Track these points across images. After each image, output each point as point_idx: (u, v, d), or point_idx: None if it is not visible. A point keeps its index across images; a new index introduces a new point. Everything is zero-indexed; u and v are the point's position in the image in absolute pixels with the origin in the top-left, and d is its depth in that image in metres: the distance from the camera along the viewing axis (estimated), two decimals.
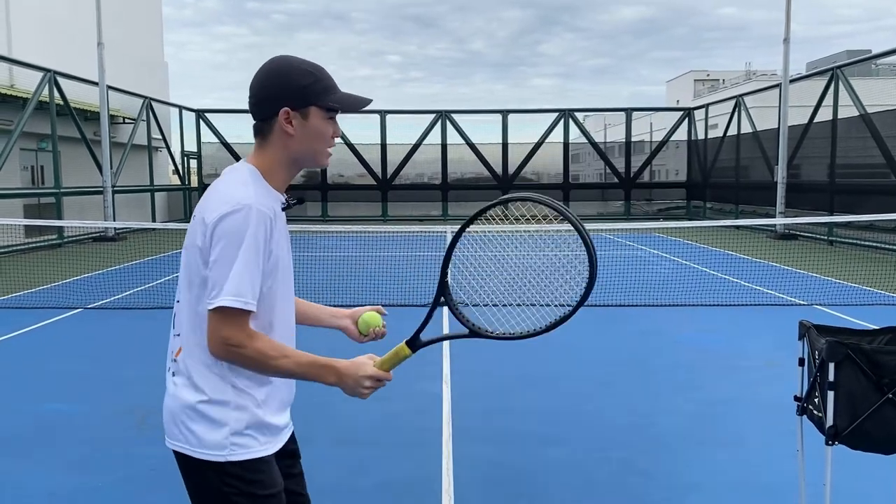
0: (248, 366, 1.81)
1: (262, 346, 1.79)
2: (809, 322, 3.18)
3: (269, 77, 1.86)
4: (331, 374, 1.88)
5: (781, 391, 5.49)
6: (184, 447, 1.85)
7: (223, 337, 1.76)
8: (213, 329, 1.77)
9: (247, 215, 1.74)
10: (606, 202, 28.93)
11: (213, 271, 1.76)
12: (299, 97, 1.84)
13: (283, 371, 1.83)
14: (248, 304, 1.76)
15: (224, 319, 1.76)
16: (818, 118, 18.58)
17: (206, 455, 1.82)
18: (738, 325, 8.17)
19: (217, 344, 1.77)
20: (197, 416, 1.83)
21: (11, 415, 5.20)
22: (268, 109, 1.85)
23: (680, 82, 64.66)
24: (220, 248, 1.75)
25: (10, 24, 18.59)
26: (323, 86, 1.87)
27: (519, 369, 6.36)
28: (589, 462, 4.30)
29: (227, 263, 1.74)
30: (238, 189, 1.80)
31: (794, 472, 3.71)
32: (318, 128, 1.88)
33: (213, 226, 1.76)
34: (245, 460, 1.84)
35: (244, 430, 1.85)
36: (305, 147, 1.89)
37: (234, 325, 1.76)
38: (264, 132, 1.89)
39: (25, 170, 19.01)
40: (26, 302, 9.75)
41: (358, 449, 4.52)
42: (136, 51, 24.94)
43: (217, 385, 1.83)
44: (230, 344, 1.76)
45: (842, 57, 36.35)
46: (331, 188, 28.08)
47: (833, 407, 2.87)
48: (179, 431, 1.85)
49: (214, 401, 1.83)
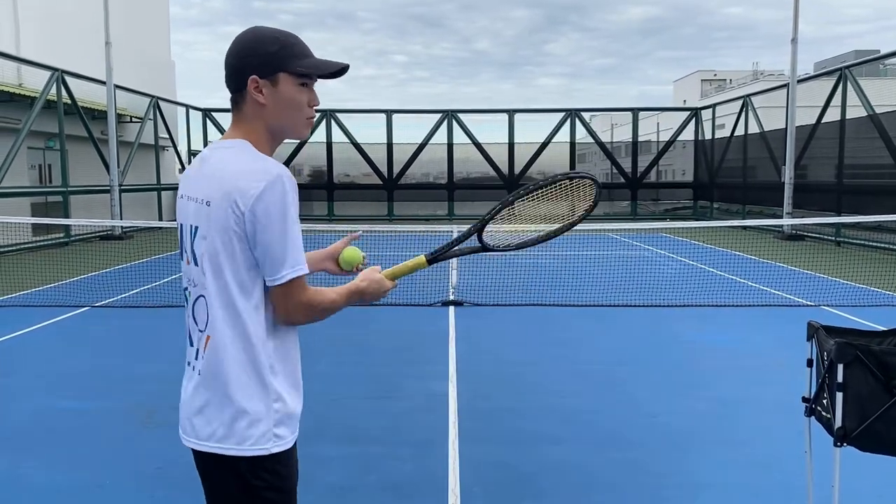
0: (322, 316, 1.89)
1: (326, 294, 1.88)
2: (818, 323, 3.16)
3: (239, 47, 1.83)
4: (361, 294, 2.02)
5: (789, 392, 5.45)
6: (215, 445, 1.81)
7: (303, 303, 1.82)
8: (290, 299, 1.80)
9: (283, 185, 1.74)
10: (613, 202, 28.87)
11: (271, 248, 1.75)
12: (266, 64, 1.80)
13: (340, 307, 1.94)
14: (306, 269, 1.82)
15: (295, 289, 1.79)
16: (826, 118, 18.52)
17: (241, 451, 1.79)
18: (746, 325, 8.14)
19: (297, 311, 1.82)
20: (235, 412, 1.79)
21: (19, 412, 5.22)
22: (238, 80, 1.82)
23: (687, 82, 64.49)
24: (269, 224, 1.73)
25: (17, 24, 18.67)
26: (291, 52, 1.82)
27: (525, 369, 6.35)
28: (596, 462, 4.28)
29: (282, 237, 1.75)
30: (258, 162, 1.78)
31: (802, 473, 3.69)
32: (290, 95, 1.83)
33: (251, 205, 1.72)
34: (280, 452, 1.83)
35: (280, 422, 1.83)
36: (280, 117, 1.85)
37: (304, 290, 1.81)
38: (238, 104, 1.86)
39: (33, 168, 19.10)
40: (34, 300, 9.79)
41: (364, 447, 4.52)
42: (143, 50, 25.03)
43: (254, 380, 1.80)
44: (310, 307, 1.83)
45: (850, 57, 36.21)
46: (337, 187, 28.10)
47: (842, 408, 2.85)
48: (211, 428, 1.81)
49: (253, 395, 1.80)
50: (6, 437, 4.73)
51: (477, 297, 9.64)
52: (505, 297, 9.68)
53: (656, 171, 29.52)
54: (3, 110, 16.99)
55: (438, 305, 9.16)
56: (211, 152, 1.87)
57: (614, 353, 6.95)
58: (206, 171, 1.83)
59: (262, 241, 1.75)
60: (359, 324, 7.81)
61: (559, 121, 27.40)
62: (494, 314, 8.91)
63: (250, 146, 1.83)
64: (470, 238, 2.30)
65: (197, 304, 1.85)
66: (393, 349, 7.06)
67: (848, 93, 17.26)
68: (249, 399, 1.80)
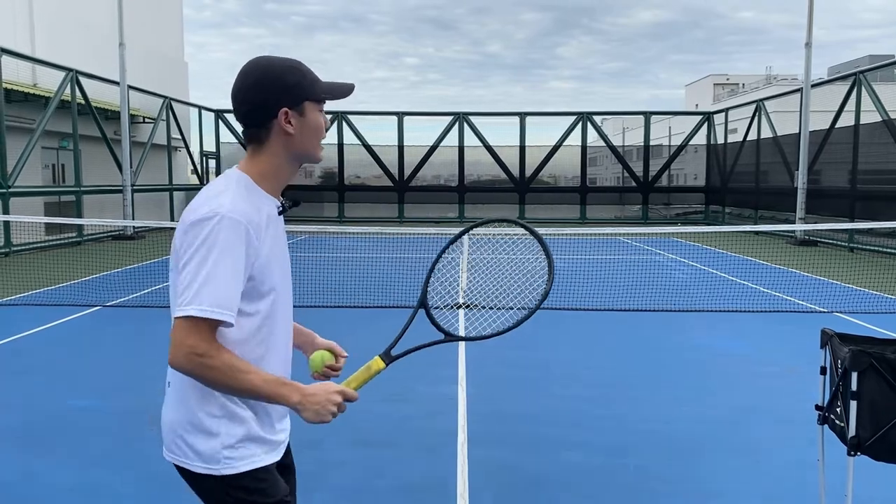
0: (213, 379, 1.68)
1: (230, 359, 1.69)
2: (832, 330, 3.13)
3: (261, 81, 1.81)
4: (294, 392, 1.76)
5: (801, 399, 5.43)
6: (182, 461, 1.84)
7: (189, 346, 1.66)
8: (178, 338, 1.66)
9: (218, 223, 1.69)
10: (624, 206, 28.80)
11: (182, 278, 1.70)
12: (294, 95, 1.82)
13: (248, 386, 1.70)
14: (221, 314, 1.67)
15: (191, 328, 1.66)
16: (840, 123, 18.39)
17: (202, 469, 1.82)
18: (758, 331, 8.08)
19: (181, 354, 1.66)
20: (192, 429, 1.82)
21: (32, 410, 5.25)
22: (265, 114, 1.82)
23: (699, 86, 64.25)
24: (189, 255, 1.70)
25: (33, 24, 18.82)
26: (310, 79, 1.86)
27: (534, 373, 6.33)
28: (606, 468, 4.26)
29: (196, 271, 1.67)
30: (212, 198, 1.75)
31: (813, 482, 3.67)
32: (315, 121, 1.87)
33: (183, 232, 1.73)
34: (245, 471, 1.82)
35: (238, 442, 1.82)
36: (306, 143, 1.87)
37: (201, 335, 1.66)
38: (261, 137, 1.84)
39: (47, 168, 19.24)
40: (46, 299, 9.85)
41: (374, 451, 4.52)
42: (156, 51, 25.17)
43: (209, 397, 1.80)
44: (196, 353, 1.66)
45: (864, 62, 35.96)
46: (348, 189, 28.15)
47: (856, 417, 2.83)
48: (177, 445, 1.85)
49: (207, 413, 1.81)
50: (19, 434, 4.76)
51: (487, 300, 9.61)
52: (515, 301, 9.64)
53: (668, 175, 29.40)
54: (17, 110, 17.13)
55: (448, 308, 9.14)
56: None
57: (625, 357, 6.92)
58: None
59: (181, 266, 1.72)
60: (365, 326, 7.81)
61: (570, 124, 27.35)
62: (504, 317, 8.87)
63: (240, 181, 1.81)
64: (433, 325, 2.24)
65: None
66: None
67: (862, 97, 17.15)
68: (204, 417, 1.81)
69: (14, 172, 15.69)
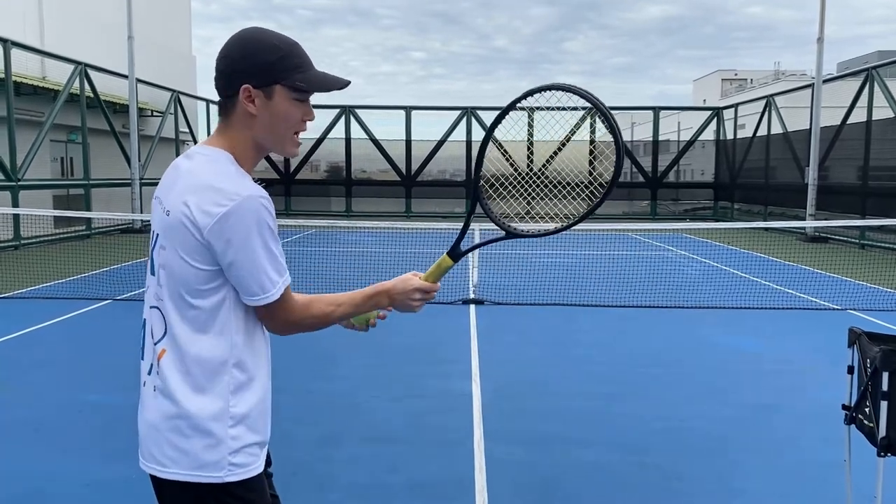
0: (315, 328, 1.81)
1: (318, 307, 1.80)
2: (860, 329, 3.08)
3: (234, 49, 1.68)
4: (383, 297, 1.92)
5: (821, 398, 5.38)
6: (172, 471, 1.68)
7: (284, 321, 1.74)
8: (271, 319, 1.73)
9: (252, 205, 1.61)
10: (632, 202, 28.68)
11: (241, 271, 1.63)
12: (263, 74, 1.66)
13: (346, 315, 1.87)
14: (285, 280, 1.71)
15: (278, 307, 1.70)
16: (851, 119, 18.26)
17: (201, 478, 1.66)
18: (771, 328, 8.03)
19: (281, 328, 1.76)
20: (192, 432, 1.66)
21: (46, 404, 5.24)
22: (229, 85, 1.69)
23: (707, 81, 63.98)
24: (236, 246, 1.60)
25: (42, 18, 18.81)
26: (291, 63, 1.68)
27: (549, 369, 6.30)
28: (625, 466, 4.22)
29: (252, 259, 1.62)
30: (228, 182, 1.63)
31: (835, 482, 3.62)
32: (283, 109, 1.70)
33: (215, 227, 1.59)
34: (246, 479, 1.71)
35: (243, 447, 1.70)
36: (270, 131, 1.72)
37: (285, 306, 1.72)
38: (227, 110, 1.72)
39: (55, 161, 19.25)
40: (56, 292, 9.84)
41: (389, 447, 4.48)
42: (164, 45, 25.16)
43: (215, 397, 1.67)
44: (291, 322, 1.75)
45: (873, 57, 35.74)
46: (355, 184, 28.12)
47: (886, 417, 2.78)
48: (164, 452, 1.68)
49: (213, 415, 1.67)
50: (34, 428, 4.74)
51: (497, 295, 9.59)
52: (525, 296, 9.62)
53: (676, 170, 29.27)
54: (27, 103, 17.13)
55: (459, 303, 9.12)
56: (187, 159, 1.73)
57: (639, 354, 6.88)
58: (176, 177, 1.70)
59: (230, 264, 1.63)
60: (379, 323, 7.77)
61: (578, 119, 27.19)
62: (515, 313, 8.85)
63: (228, 159, 1.70)
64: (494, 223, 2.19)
65: (151, 315, 1.75)
66: (414, 348, 7.01)
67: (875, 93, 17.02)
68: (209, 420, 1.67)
69: (23, 165, 15.70)
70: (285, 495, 2.26)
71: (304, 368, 6.18)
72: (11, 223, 15.21)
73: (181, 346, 1.68)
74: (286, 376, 5.09)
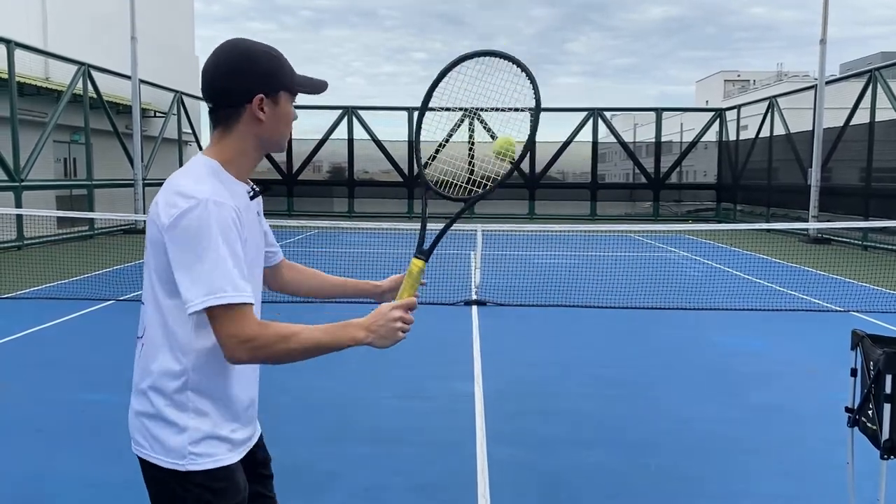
0: (274, 357, 1.67)
1: (277, 330, 1.67)
2: (863, 331, 3.08)
3: (239, 64, 1.76)
4: (359, 329, 1.77)
5: (824, 400, 5.38)
6: (148, 454, 1.79)
7: (231, 336, 1.63)
8: (220, 334, 1.65)
9: (205, 209, 1.63)
10: (634, 203, 28.66)
11: (182, 275, 1.64)
12: (273, 82, 1.79)
13: (312, 345, 1.71)
14: (236, 296, 1.62)
15: (221, 320, 1.63)
16: (854, 120, 18.24)
17: (167, 463, 1.76)
18: (774, 330, 8.02)
19: (232, 347, 1.64)
20: (160, 422, 1.77)
21: (50, 404, 5.25)
22: (239, 97, 1.76)
23: (710, 82, 63.90)
24: (183, 248, 1.63)
25: (45, 18, 18.86)
26: (288, 69, 1.83)
27: (551, 370, 6.29)
28: (628, 467, 4.22)
29: (195, 263, 1.62)
30: (190, 185, 1.68)
31: (837, 484, 3.62)
32: (286, 111, 1.83)
33: (169, 227, 1.64)
34: (207, 469, 1.77)
35: (203, 438, 1.77)
36: (274, 132, 1.82)
37: (237, 321, 1.63)
38: (230, 120, 1.78)
39: (59, 162, 19.29)
40: (60, 292, 9.86)
41: (390, 448, 4.49)
42: (167, 45, 25.19)
43: (177, 389, 1.75)
44: (243, 340, 1.63)
45: (876, 59, 35.67)
46: (357, 184, 28.12)
47: (889, 420, 2.77)
48: (143, 437, 1.81)
49: (175, 405, 1.75)
50: (39, 427, 4.75)
51: (500, 296, 9.59)
52: (528, 298, 9.61)
53: (679, 172, 29.25)
54: (30, 104, 17.17)
55: (461, 305, 9.12)
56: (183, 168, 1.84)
57: (641, 355, 6.87)
58: (165, 182, 1.79)
59: (177, 264, 1.65)
60: None
61: (581, 120, 27.20)
62: (517, 314, 8.85)
63: (210, 167, 1.76)
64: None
65: (141, 312, 1.85)
66: (416, 349, 7.00)
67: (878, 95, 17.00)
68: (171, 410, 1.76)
69: (27, 166, 15.73)
70: (286, 496, 2.26)
71: (306, 368, 6.16)
72: (14, 224, 15.24)
73: (153, 340, 1.79)
74: (287, 376, 5.09)
